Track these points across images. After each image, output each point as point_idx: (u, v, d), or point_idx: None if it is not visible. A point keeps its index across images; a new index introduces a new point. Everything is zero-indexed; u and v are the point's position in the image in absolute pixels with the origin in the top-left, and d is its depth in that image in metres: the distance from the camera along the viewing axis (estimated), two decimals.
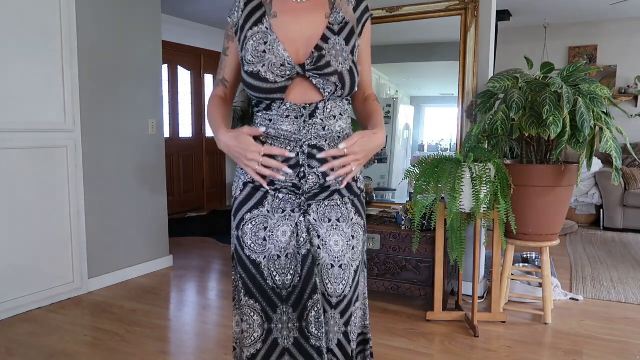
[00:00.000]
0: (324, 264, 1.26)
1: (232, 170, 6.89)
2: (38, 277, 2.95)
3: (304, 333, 1.25)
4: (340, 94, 1.24)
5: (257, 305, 1.29)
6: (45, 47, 2.91)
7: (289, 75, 1.20)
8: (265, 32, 1.23)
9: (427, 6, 3.17)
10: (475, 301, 2.63)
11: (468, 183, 2.44)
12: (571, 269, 3.78)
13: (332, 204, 1.28)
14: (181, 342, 2.54)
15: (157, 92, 3.72)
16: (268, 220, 1.26)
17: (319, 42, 1.22)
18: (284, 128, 1.22)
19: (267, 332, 1.28)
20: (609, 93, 2.51)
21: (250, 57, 1.22)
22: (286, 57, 1.20)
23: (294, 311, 1.27)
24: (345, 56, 1.22)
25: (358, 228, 1.32)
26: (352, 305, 1.31)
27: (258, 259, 1.27)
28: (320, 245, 1.26)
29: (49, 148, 2.98)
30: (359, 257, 1.32)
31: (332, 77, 1.21)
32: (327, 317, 1.27)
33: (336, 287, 1.27)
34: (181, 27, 5.92)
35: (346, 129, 1.29)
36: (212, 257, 4.17)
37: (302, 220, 1.25)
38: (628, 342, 2.49)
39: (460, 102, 3.12)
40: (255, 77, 1.21)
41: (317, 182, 1.24)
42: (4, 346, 2.45)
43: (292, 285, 1.26)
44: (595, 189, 5.36)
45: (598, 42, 6.01)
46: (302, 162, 1.22)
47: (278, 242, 1.25)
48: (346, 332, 1.29)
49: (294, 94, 1.22)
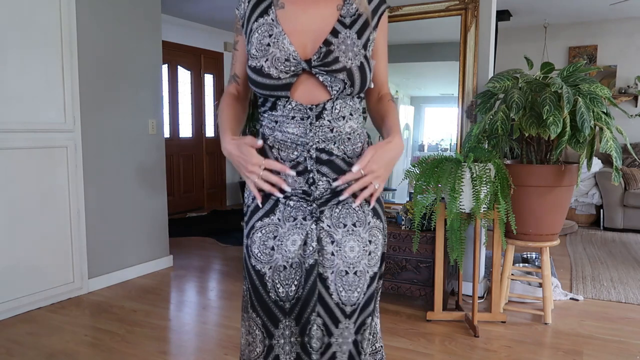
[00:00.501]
0: (338, 271, 1.17)
1: (232, 170, 6.89)
2: (38, 277, 2.95)
3: (305, 349, 1.18)
4: (349, 92, 1.16)
5: (258, 320, 1.23)
6: (45, 47, 2.91)
7: (293, 72, 1.12)
8: (271, 24, 1.15)
9: (427, 6, 3.17)
10: (475, 301, 2.63)
11: (468, 183, 2.44)
12: (571, 269, 3.78)
13: (347, 207, 1.19)
14: (181, 342, 2.54)
15: (157, 92, 3.73)
16: (278, 228, 1.19)
17: (328, 37, 1.13)
18: (289, 131, 1.15)
19: (268, 348, 1.22)
20: (609, 93, 2.51)
21: (255, 50, 1.14)
22: (292, 51, 1.12)
23: (296, 325, 1.20)
24: (356, 51, 1.13)
25: (376, 232, 1.23)
26: (364, 313, 1.22)
27: (263, 270, 1.20)
28: (335, 252, 1.17)
29: (49, 148, 2.98)
30: (376, 263, 1.23)
31: (340, 74, 1.12)
32: (341, 327, 1.18)
33: (350, 294, 1.18)
34: (181, 27, 5.92)
35: (357, 129, 1.21)
36: (212, 257, 4.17)
37: (313, 229, 1.17)
38: (628, 342, 2.49)
39: (460, 102, 3.12)
40: (258, 73, 1.14)
41: (327, 188, 1.16)
42: (4, 346, 2.45)
43: (295, 297, 1.19)
44: (595, 189, 5.36)
45: (598, 42, 6.02)
46: (311, 167, 1.15)
47: (286, 251, 1.18)
48: (356, 341, 1.21)
49: (299, 92, 1.14)
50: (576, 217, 5.48)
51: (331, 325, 1.18)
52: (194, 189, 6.41)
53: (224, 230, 5.10)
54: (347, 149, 1.18)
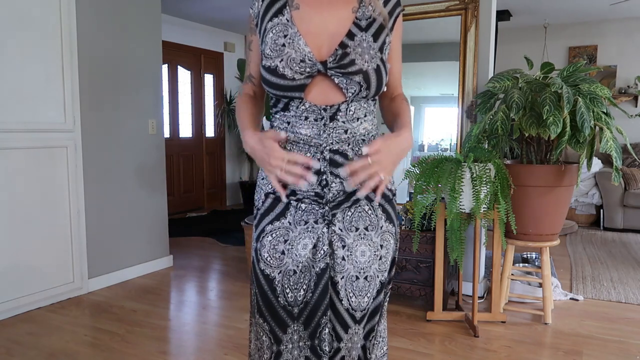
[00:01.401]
0: (348, 276, 1.16)
1: (232, 170, 6.89)
2: (38, 277, 2.95)
3: (316, 351, 1.17)
4: (365, 94, 1.14)
5: (265, 326, 1.21)
6: (45, 47, 2.91)
7: (308, 73, 1.11)
8: (286, 24, 1.14)
9: (427, 6, 3.17)
10: (475, 301, 2.63)
11: (468, 183, 2.44)
12: (571, 269, 3.78)
13: (359, 210, 1.17)
14: (181, 342, 2.54)
15: (157, 92, 3.72)
16: (289, 232, 1.17)
17: (344, 39, 1.12)
18: (302, 132, 1.13)
19: (276, 354, 1.21)
20: (609, 93, 2.51)
21: (269, 50, 1.13)
22: (307, 52, 1.10)
23: (305, 329, 1.18)
24: (373, 54, 1.12)
25: (388, 236, 1.21)
26: (373, 319, 1.22)
27: (272, 274, 1.18)
28: (346, 257, 1.16)
29: (49, 148, 2.98)
30: (386, 268, 1.22)
31: (356, 77, 1.11)
32: (351, 333, 1.17)
33: (361, 300, 1.17)
34: (181, 27, 5.92)
35: (372, 131, 1.19)
36: (212, 257, 4.17)
37: (325, 232, 1.15)
38: (628, 342, 2.49)
39: (460, 102, 3.12)
40: (272, 73, 1.12)
41: (341, 190, 1.14)
42: (4, 346, 2.45)
43: (303, 301, 1.17)
44: (595, 189, 5.36)
45: (598, 42, 6.02)
46: (324, 169, 1.13)
47: (297, 255, 1.16)
48: (364, 346, 1.20)
49: (313, 93, 1.13)
50: (576, 217, 5.48)
51: (340, 331, 1.18)
52: (194, 189, 6.42)
53: (224, 230, 5.10)
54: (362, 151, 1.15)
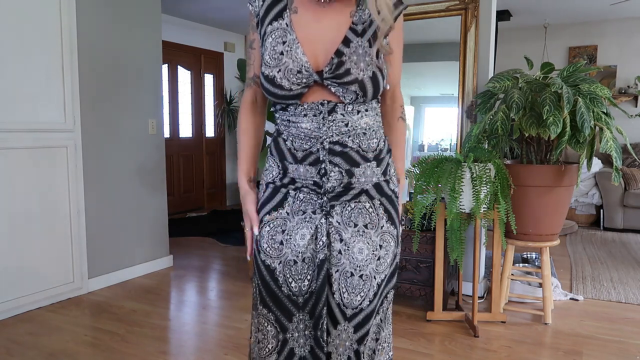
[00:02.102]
0: (343, 271, 1.16)
1: (232, 170, 6.89)
2: (38, 277, 2.95)
3: (319, 342, 1.17)
4: (362, 100, 1.14)
5: (270, 315, 1.21)
6: (45, 47, 2.91)
7: (305, 83, 1.11)
8: (285, 29, 1.13)
9: (427, 6, 3.17)
10: (475, 301, 2.63)
11: (468, 183, 2.44)
12: (571, 269, 3.78)
13: (360, 206, 1.17)
14: (181, 342, 2.54)
15: (157, 92, 3.72)
16: (287, 222, 1.18)
17: (339, 47, 1.11)
18: (303, 126, 1.14)
19: (282, 342, 1.21)
20: (609, 93, 2.51)
21: (268, 57, 1.13)
22: (304, 62, 1.10)
23: (310, 318, 1.18)
24: (369, 61, 1.11)
25: (388, 237, 1.20)
26: (369, 322, 1.19)
27: (273, 265, 1.19)
28: (342, 251, 1.15)
29: (49, 148, 2.98)
30: (384, 270, 1.20)
31: (352, 86, 1.10)
32: (339, 329, 1.16)
33: (353, 297, 1.16)
34: (181, 27, 5.92)
35: (373, 126, 1.19)
36: (212, 257, 4.17)
37: (322, 223, 1.15)
38: (628, 342, 2.49)
39: (460, 102, 3.12)
40: (270, 82, 1.13)
41: (340, 180, 1.14)
42: (4, 346, 2.45)
43: (308, 291, 1.17)
44: (595, 189, 5.36)
45: (598, 42, 6.01)
46: (323, 157, 1.13)
47: (295, 246, 1.17)
48: (358, 351, 1.18)
49: (310, 100, 1.14)
50: (576, 217, 5.48)
51: (330, 325, 1.17)
52: (194, 189, 6.41)
53: (224, 230, 5.10)
54: (362, 143, 1.16)
